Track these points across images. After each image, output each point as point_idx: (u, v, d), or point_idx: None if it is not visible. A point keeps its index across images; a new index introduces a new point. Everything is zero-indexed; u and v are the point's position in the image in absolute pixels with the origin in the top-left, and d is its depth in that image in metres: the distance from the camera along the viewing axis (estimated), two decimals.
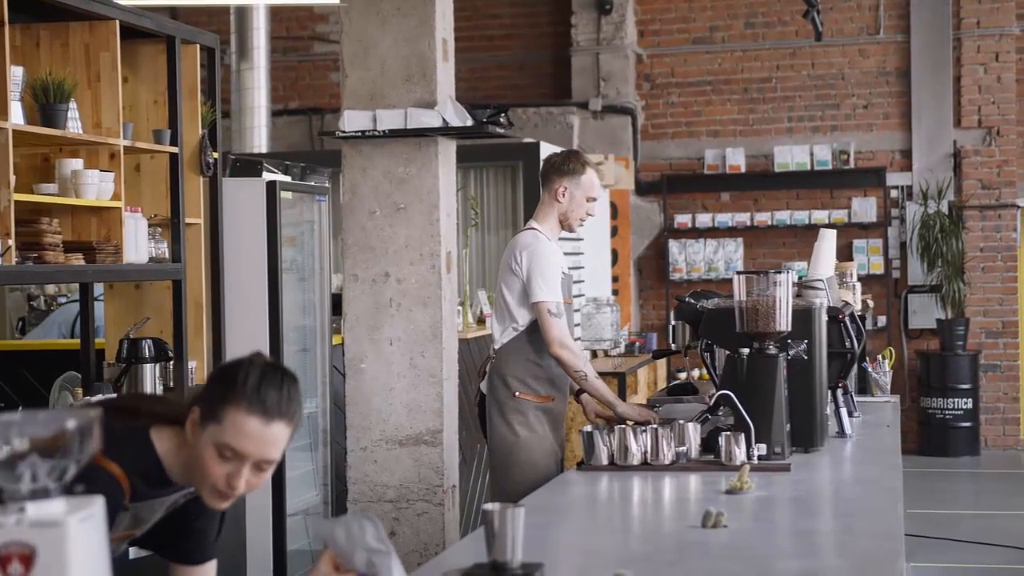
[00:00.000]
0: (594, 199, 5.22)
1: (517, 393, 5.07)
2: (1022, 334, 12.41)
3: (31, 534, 1.75)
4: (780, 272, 4.40)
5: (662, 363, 11.12)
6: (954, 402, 11.89)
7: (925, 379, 12.02)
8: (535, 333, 5.06)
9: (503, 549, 2.69)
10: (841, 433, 4.89)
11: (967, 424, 11.93)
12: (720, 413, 4.37)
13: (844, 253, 12.02)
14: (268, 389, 2.50)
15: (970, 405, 11.91)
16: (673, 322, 5.17)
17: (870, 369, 6.32)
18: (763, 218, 12.45)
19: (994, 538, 8.48)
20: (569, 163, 5.19)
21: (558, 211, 5.18)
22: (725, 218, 12.53)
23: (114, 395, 5.10)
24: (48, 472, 1.80)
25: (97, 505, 1.82)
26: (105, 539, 1.85)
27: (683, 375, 11.90)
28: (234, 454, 2.48)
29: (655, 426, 4.25)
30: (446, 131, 5.67)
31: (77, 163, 5.11)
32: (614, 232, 12.14)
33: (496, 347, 5.17)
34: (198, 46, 5.92)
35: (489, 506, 2.67)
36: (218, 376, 2.59)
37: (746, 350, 4.34)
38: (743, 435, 4.14)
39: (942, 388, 11.91)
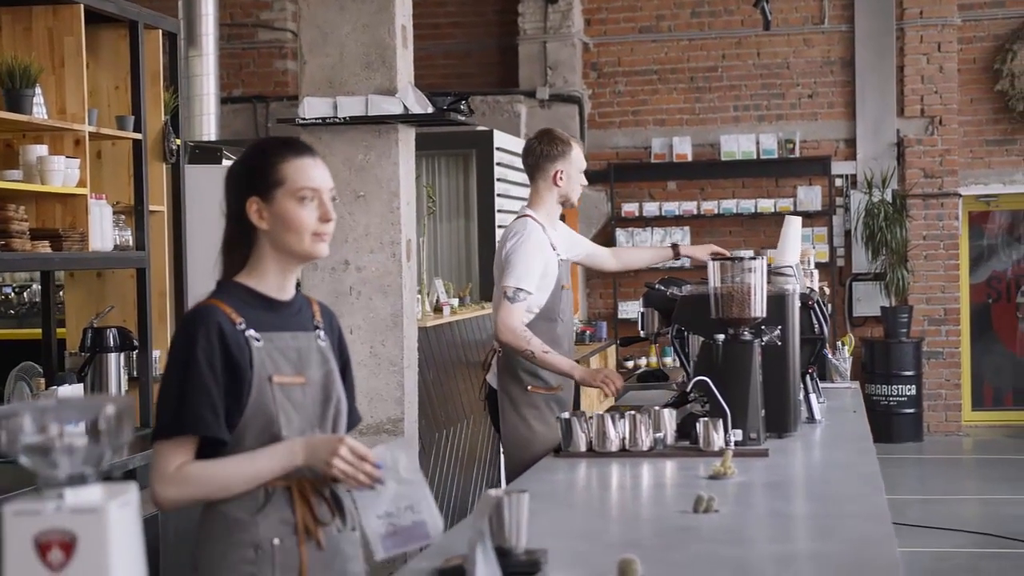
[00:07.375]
0: (584, 168, 5.33)
1: (529, 387, 5.05)
2: (963, 321, 12.59)
3: (71, 521, 1.73)
4: (755, 258, 4.41)
5: (612, 351, 11.18)
6: (898, 388, 12.04)
7: (869, 366, 12.16)
8: (541, 323, 5.03)
9: (508, 535, 2.70)
10: (811, 419, 4.93)
11: (911, 410, 12.08)
12: (693, 399, 4.39)
13: None
14: (288, 141, 2.85)
15: (913, 391, 12.07)
16: (642, 309, 5.17)
17: (830, 356, 6.37)
18: (710, 207, 12.51)
19: (939, 522, 8.60)
20: (557, 146, 5.23)
21: (558, 194, 5.23)
22: (672, 207, 12.58)
23: None
24: (85, 458, 1.78)
25: (132, 492, 1.80)
26: (139, 525, 1.83)
27: (633, 363, 11.97)
28: (311, 191, 2.78)
29: (633, 413, 4.25)
30: (406, 118, 5.64)
31: (42, 149, 5.03)
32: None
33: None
34: (160, 31, 5.85)
35: (494, 492, 2.67)
36: (245, 167, 2.83)
37: (721, 336, 4.35)
38: (720, 421, 4.17)
39: (886, 375, 12.06)
